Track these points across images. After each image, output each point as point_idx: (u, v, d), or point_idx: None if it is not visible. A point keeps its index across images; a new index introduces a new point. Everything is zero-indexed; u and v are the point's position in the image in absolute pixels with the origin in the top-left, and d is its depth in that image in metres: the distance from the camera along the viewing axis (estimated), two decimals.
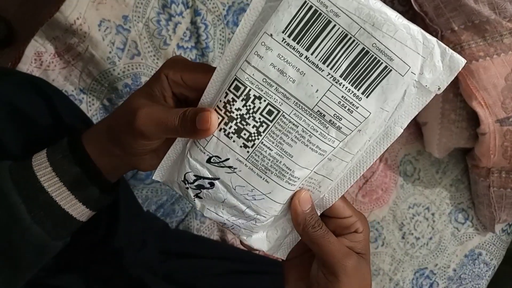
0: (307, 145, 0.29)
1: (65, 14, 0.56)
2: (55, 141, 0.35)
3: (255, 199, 0.31)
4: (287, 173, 0.30)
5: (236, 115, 0.29)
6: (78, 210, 0.34)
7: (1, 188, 0.32)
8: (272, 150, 0.30)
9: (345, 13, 0.26)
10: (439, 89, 0.29)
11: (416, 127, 0.85)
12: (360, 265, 0.33)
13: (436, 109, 0.76)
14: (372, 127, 0.29)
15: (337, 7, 0.26)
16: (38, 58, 0.58)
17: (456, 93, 0.74)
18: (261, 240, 0.35)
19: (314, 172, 0.31)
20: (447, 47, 0.28)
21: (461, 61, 0.28)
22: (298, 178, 0.31)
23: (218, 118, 0.29)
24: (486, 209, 0.83)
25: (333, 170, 0.31)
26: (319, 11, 0.27)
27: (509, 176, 0.76)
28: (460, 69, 0.28)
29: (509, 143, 0.70)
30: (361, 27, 0.27)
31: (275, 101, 0.29)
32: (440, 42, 0.28)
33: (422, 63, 0.28)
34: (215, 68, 0.30)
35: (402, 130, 0.30)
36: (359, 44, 0.27)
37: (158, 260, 0.58)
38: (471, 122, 0.75)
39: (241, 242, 0.36)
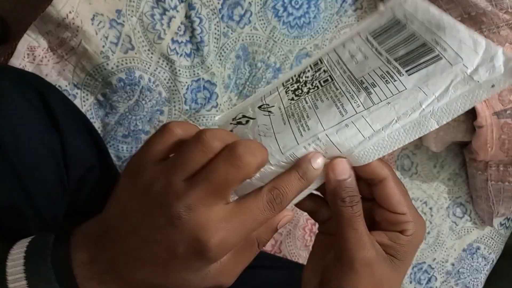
0: (334, 102, 0.30)
1: (57, 8, 0.55)
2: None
3: (265, 136, 0.31)
4: (304, 119, 0.31)
5: (303, 79, 0.34)
6: None
7: None
8: (307, 103, 0.32)
9: (419, 20, 0.31)
10: (493, 86, 0.26)
11: None
12: (380, 266, 0.28)
13: None
14: (403, 105, 0.27)
15: (415, 17, 0.32)
16: (31, 52, 0.57)
17: None
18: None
19: (326, 134, 0.29)
20: None
21: None
22: (309, 129, 0.29)
23: (291, 84, 0.35)
24: (484, 203, 0.82)
25: (346, 140, 0.28)
26: (401, 21, 0.33)
27: (507, 170, 0.76)
28: None
29: (506, 136, 0.70)
30: (428, 28, 0.31)
31: (335, 74, 0.33)
32: (507, 51, 0.25)
33: (479, 62, 0.26)
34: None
35: (437, 126, 0.27)
36: (420, 38, 0.31)
37: None
38: (468, 115, 0.74)
39: None
